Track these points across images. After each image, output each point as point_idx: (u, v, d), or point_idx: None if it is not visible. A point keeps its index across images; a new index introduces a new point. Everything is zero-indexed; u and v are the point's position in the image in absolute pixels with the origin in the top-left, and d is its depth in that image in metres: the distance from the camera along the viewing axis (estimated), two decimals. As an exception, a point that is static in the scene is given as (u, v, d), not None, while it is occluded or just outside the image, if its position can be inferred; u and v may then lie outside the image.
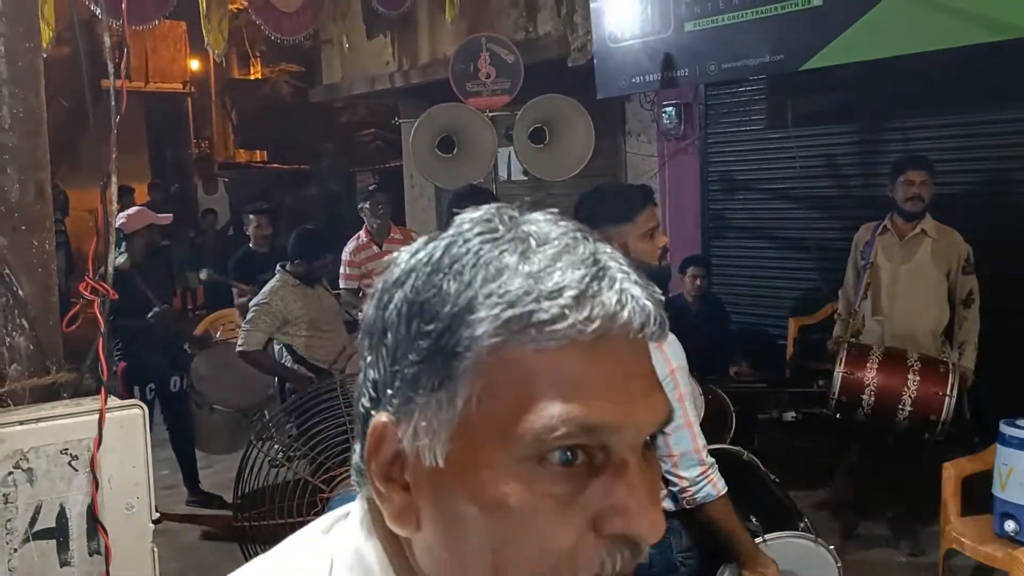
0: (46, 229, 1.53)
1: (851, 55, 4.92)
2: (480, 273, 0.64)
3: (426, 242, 0.70)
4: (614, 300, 0.64)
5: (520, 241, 0.66)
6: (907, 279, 4.20)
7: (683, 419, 2.10)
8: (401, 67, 8.19)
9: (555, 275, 0.64)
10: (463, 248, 0.66)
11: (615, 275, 0.65)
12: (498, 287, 0.64)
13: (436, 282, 0.66)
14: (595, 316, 0.63)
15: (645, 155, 7.09)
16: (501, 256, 0.65)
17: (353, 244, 5.73)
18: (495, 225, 0.68)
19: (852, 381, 3.74)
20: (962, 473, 3.47)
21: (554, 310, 0.62)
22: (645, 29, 5.88)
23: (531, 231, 0.67)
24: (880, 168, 5.55)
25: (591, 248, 0.67)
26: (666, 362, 2.10)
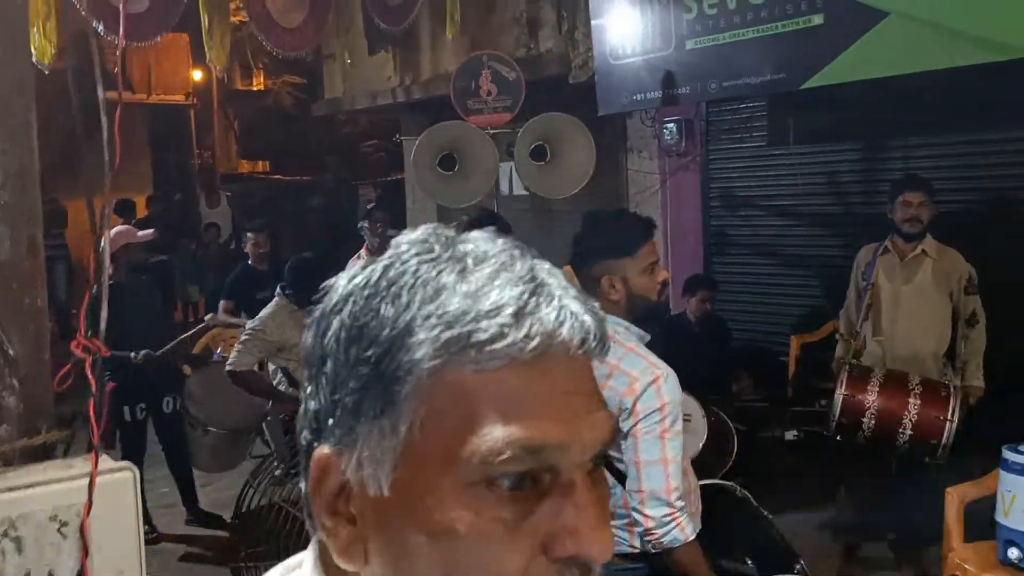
0: (38, 285, 1.51)
1: (852, 74, 4.91)
2: (418, 294, 0.64)
3: (364, 266, 0.69)
4: (553, 317, 0.64)
5: (457, 261, 0.66)
6: (908, 300, 4.18)
7: (659, 455, 2.07)
8: (403, 82, 8.20)
9: (493, 293, 0.63)
10: (400, 270, 0.66)
11: (553, 291, 0.65)
12: (436, 308, 0.63)
13: (374, 306, 0.65)
14: (534, 334, 0.62)
15: (646, 172, 7.09)
16: (439, 276, 0.65)
17: (354, 262, 5.71)
18: (432, 246, 0.67)
19: (853, 403, 3.72)
20: (965, 499, 3.44)
21: (493, 329, 0.62)
22: (646, 46, 5.88)
23: (468, 250, 0.67)
24: (881, 186, 5.54)
25: (529, 264, 0.67)
26: (659, 397, 2.09)
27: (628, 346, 2.20)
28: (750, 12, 5.24)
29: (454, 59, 7.38)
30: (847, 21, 4.79)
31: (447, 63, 7.52)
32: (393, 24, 7.15)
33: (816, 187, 6.15)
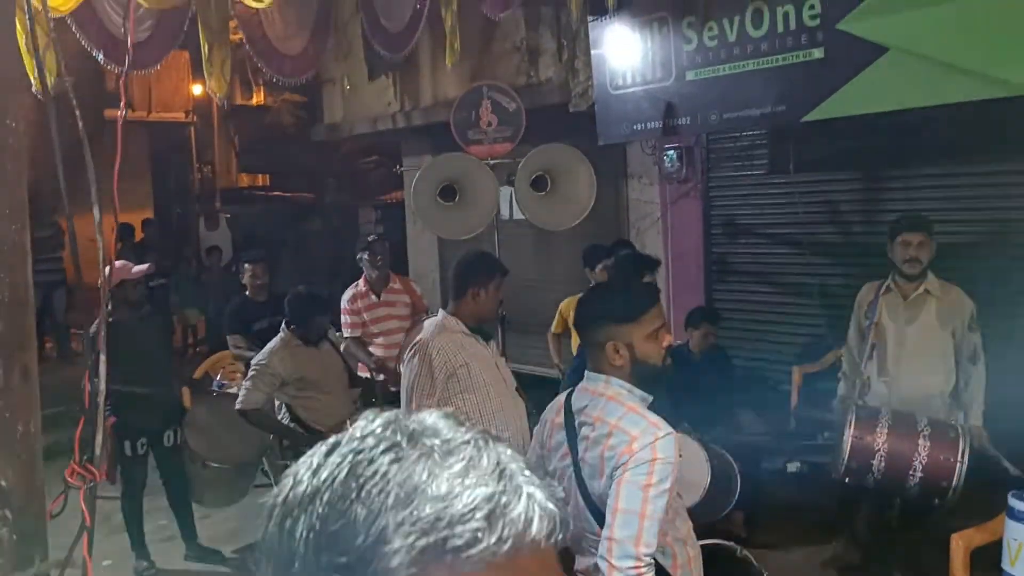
0: (31, 411, 1.48)
1: (853, 108, 4.91)
2: (390, 497, 0.64)
3: (326, 454, 0.68)
4: (523, 516, 0.65)
5: (425, 457, 0.66)
6: (913, 340, 4.15)
7: (638, 507, 2.03)
8: (403, 108, 8.20)
9: (464, 495, 0.64)
10: (369, 470, 0.66)
11: (520, 484, 0.66)
12: (410, 514, 0.63)
13: (344, 509, 0.64)
14: (507, 536, 0.64)
15: (646, 199, 7.08)
16: (409, 478, 0.65)
17: (351, 292, 5.69)
18: (397, 440, 0.67)
19: (862, 446, 3.68)
20: (971, 545, 3.42)
21: (467, 535, 0.63)
22: (647, 77, 5.88)
23: (434, 445, 0.67)
24: (882, 216, 5.54)
25: (495, 456, 0.68)
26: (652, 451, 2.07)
27: (629, 406, 2.19)
28: (750, 44, 5.24)
29: (455, 85, 7.39)
30: (847, 55, 4.79)
31: (448, 89, 7.53)
32: (393, 51, 7.14)
33: (817, 216, 6.15)
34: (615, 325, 2.24)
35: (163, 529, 5.42)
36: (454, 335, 3.38)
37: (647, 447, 2.07)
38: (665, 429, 2.12)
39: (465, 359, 3.34)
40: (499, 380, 3.46)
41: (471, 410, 3.33)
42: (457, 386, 3.32)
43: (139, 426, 4.91)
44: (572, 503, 2.28)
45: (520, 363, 7.54)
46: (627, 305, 2.25)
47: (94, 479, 1.52)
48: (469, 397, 3.34)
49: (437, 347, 3.32)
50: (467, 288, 3.43)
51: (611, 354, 2.23)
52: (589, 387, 2.29)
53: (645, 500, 2.04)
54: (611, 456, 2.12)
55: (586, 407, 2.25)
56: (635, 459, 2.07)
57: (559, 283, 7.77)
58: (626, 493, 2.06)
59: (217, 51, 7.06)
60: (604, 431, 2.16)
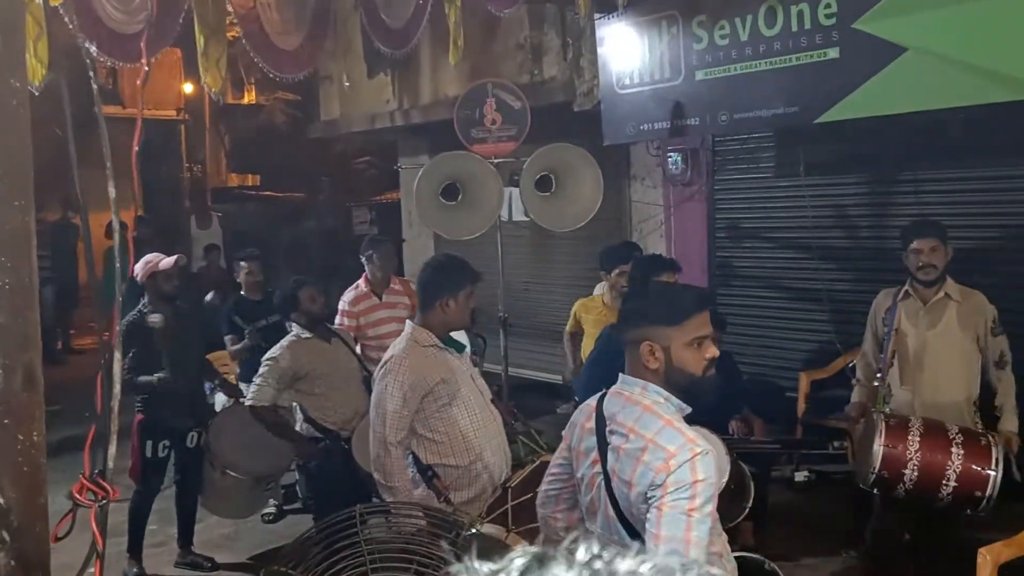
0: (35, 419, 1.32)
1: (868, 109, 4.81)
2: None
3: None
4: None
5: None
6: (935, 346, 4.03)
7: (682, 534, 1.91)
8: (402, 106, 8.06)
9: None
10: None
11: None
12: None
13: None
14: None
15: (650, 201, 6.96)
16: None
17: (352, 294, 5.53)
18: None
19: (894, 455, 3.54)
20: (998, 560, 3.31)
21: None
22: (654, 76, 5.77)
23: None
24: (893, 220, 5.44)
25: None
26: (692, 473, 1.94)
27: (666, 419, 2.06)
28: (763, 44, 5.14)
29: (455, 84, 7.25)
30: (864, 56, 4.69)
31: (448, 87, 7.39)
32: (394, 48, 6.99)
33: (825, 220, 6.04)
34: (654, 326, 2.11)
35: (153, 534, 5.26)
36: (427, 350, 3.22)
37: (685, 466, 1.94)
38: (703, 446, 1.99)
39: (441, 375, 3.19)
40: (476, 393, 3.32)
41: (450, 427, 3.20)
42: (434, 404, 3.19)
43: (166, 426, 4.78)
44: (601, 512, 2.15)
45: (521, 367, 7.41)
46: (670, 307, 2.13)
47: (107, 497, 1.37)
48: (448, 413, 3.21)
49: (411, 365, 3.15)
50: (436, 297, 3.25)
51: (645, 355, 2.10)
52: (623, 391, 2.15)
53: (689, 525, 1.92)
54: (645, 472, 1.98)
55: (618, 414, 2.12)
56: (674, 481, 1.93)
57: (560, 286, 7.65)
58: (668, 520, 1.93)
59: (213, 45, 6.88)
60: (639, 445, 2.02)
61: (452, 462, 3.20)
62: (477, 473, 3.22)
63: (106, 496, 1.38)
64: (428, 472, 3.19)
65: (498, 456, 3.29)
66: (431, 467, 3.20)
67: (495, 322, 6.20)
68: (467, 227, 5.51)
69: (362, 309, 5.51)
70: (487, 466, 3.24)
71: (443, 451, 3.20)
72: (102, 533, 1.40)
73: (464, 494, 3.19)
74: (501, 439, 3.35)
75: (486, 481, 3.24)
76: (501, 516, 3.01)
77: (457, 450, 3.20)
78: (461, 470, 3.20)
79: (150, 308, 4.73)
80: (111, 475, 1.48)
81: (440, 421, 3.19)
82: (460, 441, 3.19)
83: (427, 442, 3.21)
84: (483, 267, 7.39)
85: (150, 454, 4.77)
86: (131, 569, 4.86)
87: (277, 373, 4.34)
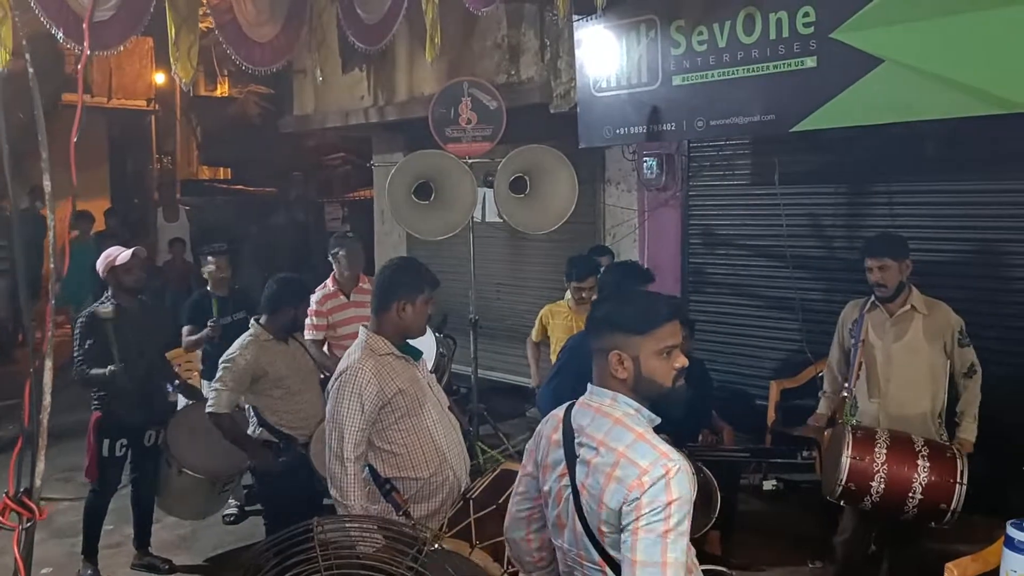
0: None
1: (843, 119, 4.81)
2: None
3: None
4: None
5: None
6: (901, 358, 4.03)
7: (659, 557, 1.85)
8: (376, 102, 7.96)
9: None
10: None
11: None
12: None
13: None
14: None
15: (624, 206, 6.93)
16: None
17: (320, 293, 5.43)
18: None
19: (860, 468, 3.53)
20: (965, 574, 3.30)
21: None
22: (631, 80, 5.73)
23: None
24: (865, 231, 5.45)
25: None
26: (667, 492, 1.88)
27: (637, 432, 2.00)
28: (741, 51, 5.12)
29: (431, 81, 7.18)
30: (841, 66, 4.69)
31: (424, 85, 7.31)
32: (369, 43, 6.89)
33: (799, 229, 6.04)
34: (623, 335, 2.05)
35: (109, 535, 5.13)
36: (383, 359, 3.09)
37: (659, 484, 1.88)
38: (676, 461, 1.93)
39: (399, 385, 3.06)
40: (435, 402, 3.22)
41: (408, 439, 3.09)
42: (392, 416, 3.07)
43: (123, 424, 4.66)
44: (569, 527, 2.08)
45: (491, 370, 7.35)
46: (639, 315, 2.06)
47: (32, 518, 1.26)
48: (406, 424, 3.09)
49: (367, 376, 3.02)
50: (391, 302, 3.12)
51: (614, 364, 2.04)
52: (592, 403, 2.09)
53: (665, 548, 1.86)
54: (617, 488, 1.92)
55: (587, 426, 2.05)
56: (648, 502, 1.87)
57: (532, 289, 7.60)
58: (644, 545, 1.87)
59: (185, 35, 6.73)
60: (610, 459, 1.96)
61: (411, 475, 3.09)
62: (438, 485, 3.12)
63: (32, 517, 1.27)
64: (386, 485, 3.08)
65: (458, 465, 3.20)
66: (389, 480, 3.09)
67: (466, 324, 6.14)
68: (440, 227, 5.44)
69: (330, 308, 5.41)
70: (447, 477, 3.14)
71: (402, 464, 3.09)
72: (26, 559, 1.28)
73: (424, 507, 3.08)
74: (461, 448, 3.25)
75: (447, 493, 3.14)
76: (464, 529, 2.91)
77: (416, 462, 3.09)
78: (421, 482, 3.09)
79: (113, 303, 4.62)
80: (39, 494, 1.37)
81: (398, 433, 3.07)
82: (419, 453, 3.09)
83: (385, 455, 3.09)
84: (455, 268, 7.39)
85: (107, 453, 4.64)
86: (85, 571, 4.73)
87: (236, 374, 4.20)
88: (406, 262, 3.37)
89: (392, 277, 3.17)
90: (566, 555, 2.12)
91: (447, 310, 7.00)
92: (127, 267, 4.64)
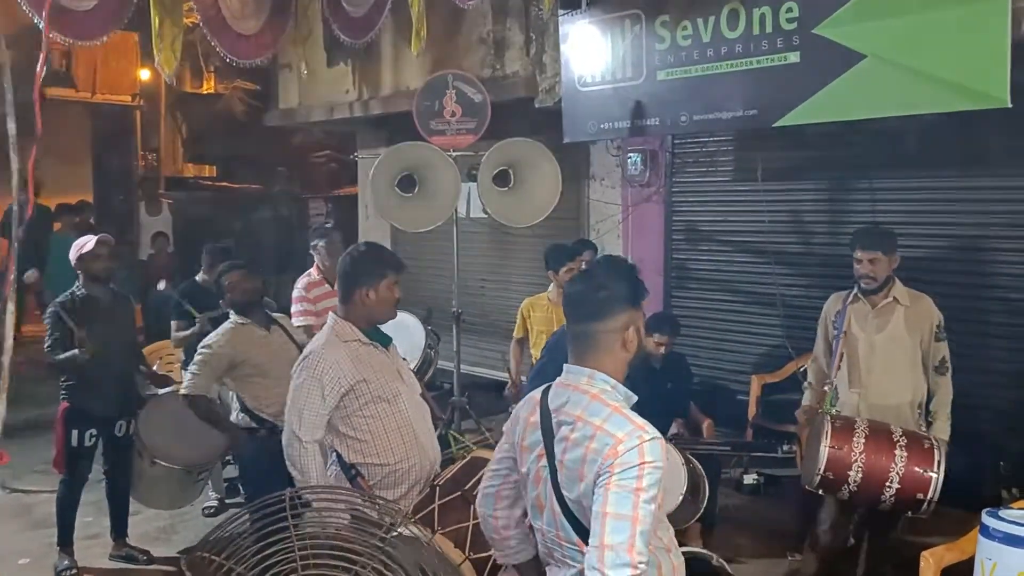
0: None
1: (826, 114, 4.84)
2: None
3: None
4: None
5: None
6: (883, 349, 4.07)
7: (629, 511, 1.86)
8: (361, 96, 7.94)
9: None
10: None
11: None
12: None
13: None
14: None
15: (608, 201, 6.94)
16: None
17: (305, 281, 5.44)
18: None
19: (839, 457, 3.55)
20: (941, 563, 3.32)
21: None
22: (616, 75, 5.74)
23: None
24: (848, 227, 5.48)
25: None
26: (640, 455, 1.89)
27: (614, 405, 2.01)
28: (724, 46, 5.14)
29: (417, 75, 7.17)
30: (823, 61, 4.72)
31: (409, 79, 7.30)
32: (355, 36, 6.88)
33: (781, 225, 6.07)
34: (633, 309, 2.10)
35: (88, 526, 5.11)
36: (349, 345, 3.07)
37: (633, 450, 1.89)
38: (652, 432, 1.95)
39: (363, 374, 3.04)
40: (405, 389, 3.19)
41: (374, 425, 3.08)
42: (356, 402, 3.05)
43: (92, 414, 4.62)
44: (547, 508, 2.09)
45: (476, 365, 7.34)
46: (638, 289, 2.13)
47: None
48: (372, 410, 3.08)
49: (330, 363, 3.00)
50: (354, 289, 3.12)
51: (631, 338, 2.09)
52: (569, 382, 2.10)
53: (636, 503, 1.87)
54: (594, 460, 1.93)
55: (565, 404, 2.06)
56: (621, 462, 1.89)
57: (516, 284, 7.60)
58: (615, 498, 1.88)
59: (168, 27, 6.72)
60: (587, 432, 1.97)
61: (377, 461, 3.07)
62: (404, 472, 3.10)
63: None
64: (352, 471, 3.06)
65: (427, 453, 3.18)
66: (355, 466, 3.08)
67: (450, 319, 6.13)
68: (423, 219, 5.43)
69: (316, 296, 5.42)
70: (415, 464, 3.12)
71: (367, 450, 3.07)
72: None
73: (390, 494, 3.05)
74: (430, 436, 3.24)
75: (414, 480, 3.12)
76: (428, 516, 2.89)
77: (382, 449, 3.07)
78: (387, 469, 3.08)
79: (83, 291, 4.61)
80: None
81: (363, 419, 3.06)
82: (385, 440, 3.07)
83: (350, 440, 3.08)
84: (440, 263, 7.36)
85: (76, 443, 4.60)
86: (62, 562, 4.69)
87: (212, 360, 4.20)
88: (368, 247, 3.35)
89: (353, 264, 3.16)
90: (545, 536, 2.13)
91: (432, 305, 6.99)
92: (94, 254, 4.63)
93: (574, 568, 2.04)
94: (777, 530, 5.02)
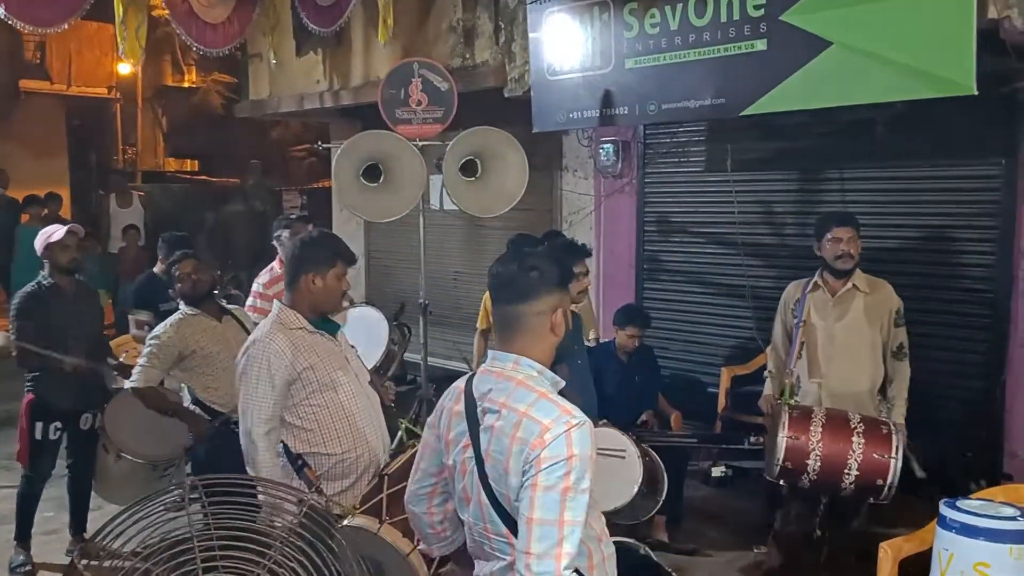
0: None
1: (792, 103, 4.78)
2: None
3: None
4: None
5: None
6: (843, 338, 4.06)
7: (556, 515, 1.80)
8: (332, 87, 7.85)
9: None
10: None
11: None
12: None
13: None
14: None
15: (580, 192, 6.88)
16: None
17: (267, 276, 5.31)
18: None
19: (797, 446, 3.53)
20: (899, 554, 3.30)
21: None
22: (585, 64, 5.67)
23: None
24: (816, 217, 5.44)
25: None
26: (568, 447, 1.82)
27: (540, 391, 1.94)
28: (692, 34, 5.08)
29: (386, 65, 7.08)
30: (790, 49, 4.66)
31: (379, 69, 7.22)
32: (323, 25, 6.80)
33: (752, 216, 6.03)
34: (561, 292, 2.03)
35: (47, 521, 5.01)
36: (293, 333, 3.01)
37: (560, 439, 1.82)
38: (579, 417, 1.88)
39: (309, 361, 2.99)
40: (352, 377, 3.13)
41: (321, 415, 3.02)
42: (303, 391, 3.00)
43: (56, 407, 4.53)
44: (474, 500, 2.01)
45: (443, 359, 7.27)
46: (565, 270, 2.05)
47: None
48: (318, 399, 3.02)
49: (275, 350, 2.95)
50: (301, 274, 3.04)
51: (559, 321, 2.02)
52: (495, 368, 2.02)
53: (563, 506, 1.80)
54: (520, 450, 1.86)
55: (490, 391, 1.99)
56: (548, 456, 1.82)
57: (486, 276, 7.53)
58: (541, 501, 1.81)
59: (132, 15, 6.62)
60: (512, 420, 1.90)
61: (323, 451, 3.02)
62: (352, 462, 3.05)
63: None
64: (298, 461, 3.01)
65: (375, 442, 3.12)
66: (301, 456, 3.02)
67: (418, 311, 6.06)
68: (388, 209, 5.36)
69: (277, 292, 5.30)
70: (362, 454, 3.06)
71: (313, 440, 3.02)
72: None
73: (337, 484, 3.01)
74: (380, 425, 3.18)
75: (363, 470, 3.07)
76: (376, 505, 2.83)
77: (328, 439, 3.02)
78: (334, 459, 3.02)
79: (50, 280, 4.52)
80: None
81: (310, 409, 3.00)
82: (332, 429, 3.02)
83: (296, 430, 3.02)
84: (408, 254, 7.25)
85: (40, 436, 4.51)
86: (17, 557, 4.60)
87: (161, 352, 4.13)
88: (321, 234, 3.30)
89: (304, 247, 3.10)
90: (472, 529, 2.05)
91: (404, 299, 6.92)
92: (63, 244, 4.52)
93: (504, 560, 1.97)
94: (744, 522, 4.99)
